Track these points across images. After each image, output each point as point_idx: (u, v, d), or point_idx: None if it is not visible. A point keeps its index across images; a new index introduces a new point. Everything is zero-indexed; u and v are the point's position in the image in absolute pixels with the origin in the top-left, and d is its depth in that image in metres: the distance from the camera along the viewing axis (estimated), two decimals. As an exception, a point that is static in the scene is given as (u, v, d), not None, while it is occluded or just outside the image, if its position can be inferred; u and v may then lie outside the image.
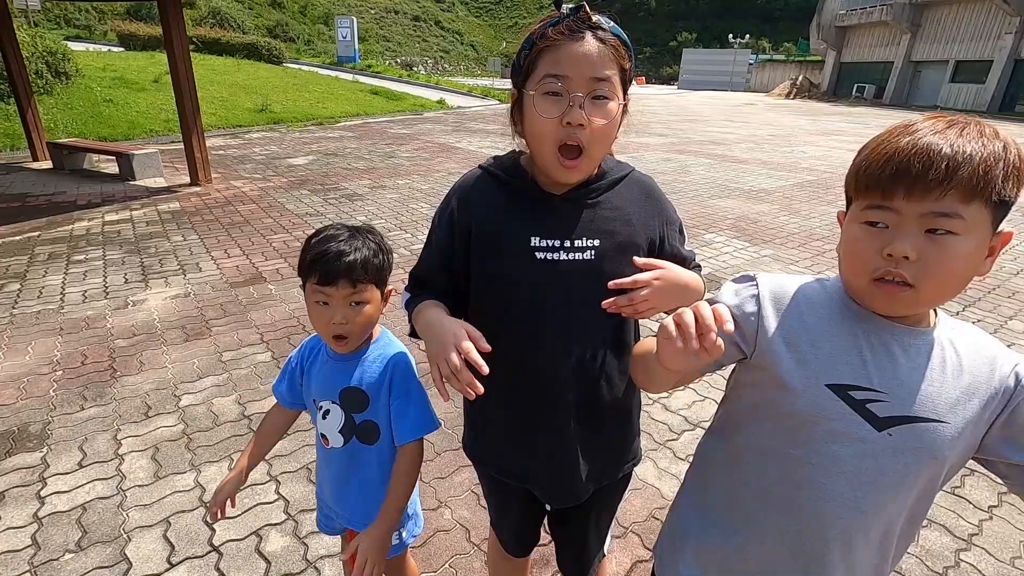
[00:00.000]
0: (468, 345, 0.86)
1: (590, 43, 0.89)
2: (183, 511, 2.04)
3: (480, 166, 1.08)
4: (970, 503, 2.17)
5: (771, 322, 0.82)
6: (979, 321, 3.78)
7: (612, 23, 0.92)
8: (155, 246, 4.98)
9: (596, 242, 0.99)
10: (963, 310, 3.97)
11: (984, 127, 0.69)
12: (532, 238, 0.98)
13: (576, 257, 0.98)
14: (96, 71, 13.99)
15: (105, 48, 21.66)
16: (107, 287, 4.06)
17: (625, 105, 0.96)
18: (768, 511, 0.83)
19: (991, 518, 2.10)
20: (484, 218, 1.03)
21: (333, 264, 1.10)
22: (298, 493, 2.14)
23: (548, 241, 0.98)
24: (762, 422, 0.84)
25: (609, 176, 1.03)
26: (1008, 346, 3.09)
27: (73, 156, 8.13)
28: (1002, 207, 0.68)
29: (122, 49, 21.62)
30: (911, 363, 0.75)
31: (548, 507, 1.20)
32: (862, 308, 0.78)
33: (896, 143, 0.69)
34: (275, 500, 2.11)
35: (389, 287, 1.20)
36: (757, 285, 0.84)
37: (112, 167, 8.10)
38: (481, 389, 0.85)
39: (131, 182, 7.45)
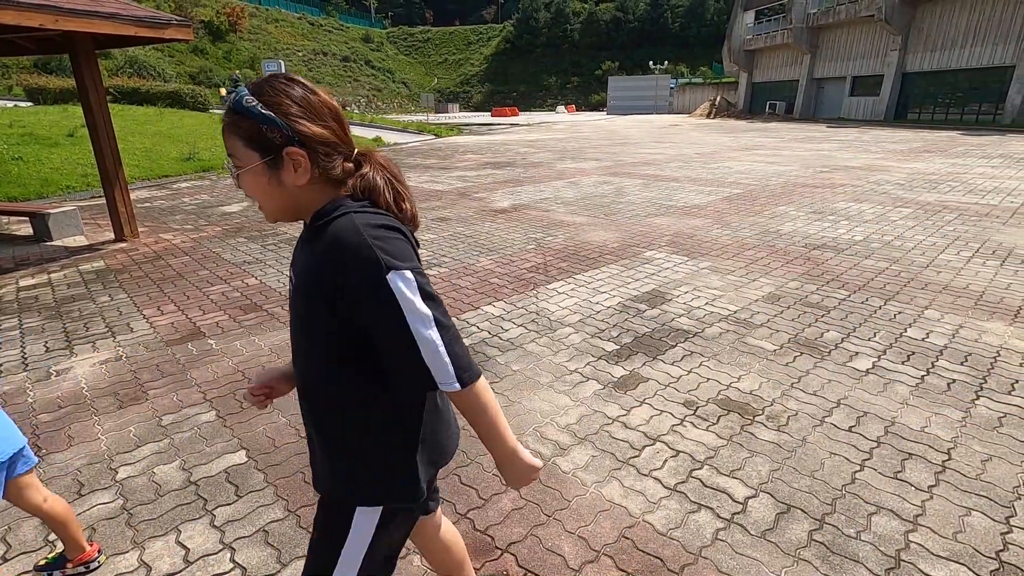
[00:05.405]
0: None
1: (224, 124, 1.04)
2: (127, 595, 1.88)
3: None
4: (912, 485, 2.30)
5: None
6: (899, 313, 4.08)
7: (238, 93, 1.01)
8: (79, 309, 4.66)
9: (299, 274, 1.12)
10: (884, 304, 4.28)
11: None
12: (291, 270, 1.16)
13: (292, 286, 1.15)
14: (2, 128, 13.15)
15: (11, 103, 20.38)
16: (26, 358, 3.75)
17: (280, 157, 1.01)
18: None
19: (931, 497, 2.23)
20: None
21: None
22: (255, 558, 2.02)
23: (291, 272, 1.16)
24: None
25: (324, 218, 1.05)
26: (926, 335, 3.29)
27: (-21, 219, 7.56)
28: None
29: (30, 104, 20.44)
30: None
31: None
32: None
33: None
34: (231, 569, 1.98)
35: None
36: None
37: (25, 228, 7.57)
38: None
39: (47, 243, 6.98)
